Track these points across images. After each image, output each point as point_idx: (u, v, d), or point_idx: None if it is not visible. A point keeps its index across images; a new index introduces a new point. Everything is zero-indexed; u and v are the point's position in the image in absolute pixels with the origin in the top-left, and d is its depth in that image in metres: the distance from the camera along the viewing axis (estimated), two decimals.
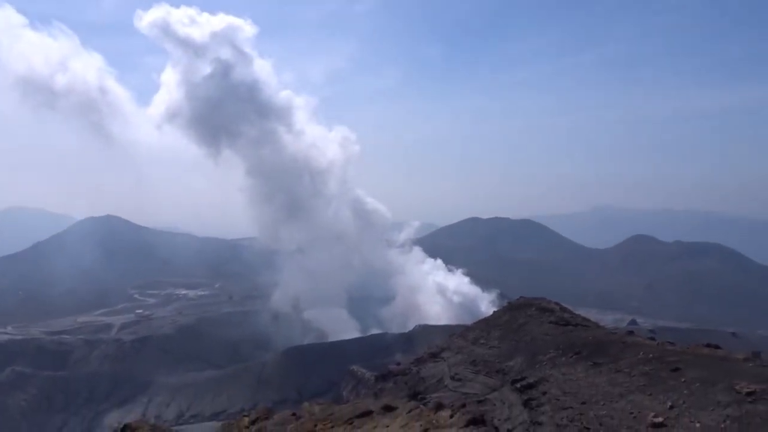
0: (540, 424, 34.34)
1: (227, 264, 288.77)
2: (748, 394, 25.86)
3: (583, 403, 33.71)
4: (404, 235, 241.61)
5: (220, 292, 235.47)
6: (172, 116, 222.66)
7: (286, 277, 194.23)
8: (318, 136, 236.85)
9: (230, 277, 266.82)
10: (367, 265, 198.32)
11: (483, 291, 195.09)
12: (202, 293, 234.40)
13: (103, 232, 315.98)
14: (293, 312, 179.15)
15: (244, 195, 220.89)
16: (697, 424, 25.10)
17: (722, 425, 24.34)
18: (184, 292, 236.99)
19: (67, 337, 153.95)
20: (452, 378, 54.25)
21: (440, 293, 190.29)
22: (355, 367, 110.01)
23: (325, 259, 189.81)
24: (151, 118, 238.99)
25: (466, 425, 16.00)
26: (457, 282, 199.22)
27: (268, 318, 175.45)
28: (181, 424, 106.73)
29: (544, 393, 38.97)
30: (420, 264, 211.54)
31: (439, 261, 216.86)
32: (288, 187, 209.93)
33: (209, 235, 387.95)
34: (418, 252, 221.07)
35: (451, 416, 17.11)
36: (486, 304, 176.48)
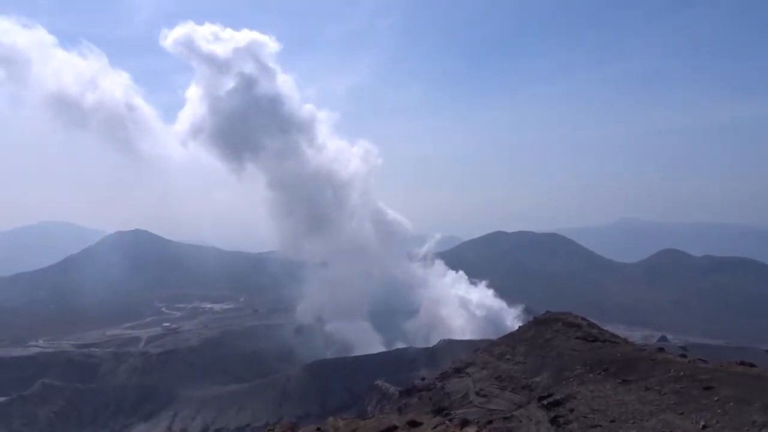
0: None
1: (252, 277, 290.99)
2: None
3: (612, 421, 33.05)
4: (426, 248, 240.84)
5: (245, 305, 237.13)
6: (196, 132, 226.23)
7: (309, 289, 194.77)
8: (340, 150, 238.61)
9: (255, 290, 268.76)
10: (389, 278, 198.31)
11: (508, 305, 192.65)
12: (227, 306, 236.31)
13: (132, 245, 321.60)
14: (317, 325, 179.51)
15: (266, 208, 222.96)
16: None
17: None
18: (209, 305, 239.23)
19: (96, 350, 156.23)
20: (477, 394, 53.61)
21: (463, 306, 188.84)
22: (379, 382, 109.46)
23: (348, 272, 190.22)
24: (177, 134, 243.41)
25: None
26: (481, 295, 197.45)
27: (291, 331, 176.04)
28: None
29: (572, 410, 38.29)
30: (442, 277, 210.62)
31: (462, 273, 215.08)
32: (310, 199, 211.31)
33: (234, 248, 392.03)
34: (440, 265, 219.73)
35: None
36: (511, 319, 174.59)
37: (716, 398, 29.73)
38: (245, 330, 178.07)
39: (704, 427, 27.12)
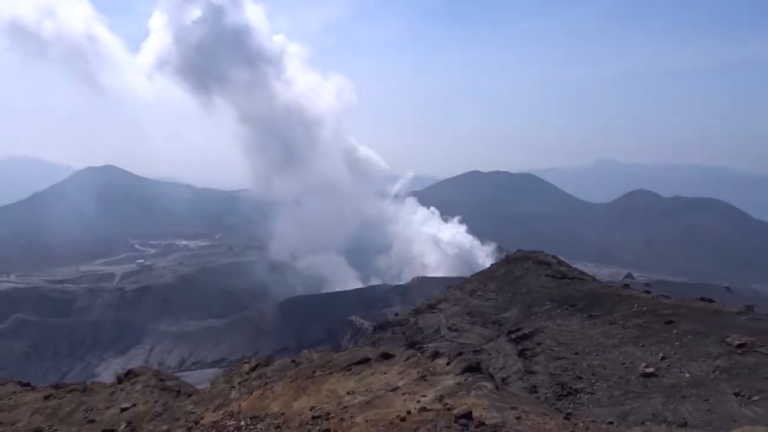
0: (534, 373, 35.26)
1: (226, 215, 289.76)
2: (739, 346, 26.51)
3: (577, 353, 34.65)
4: (399, 186, 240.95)
5: (220, 242, 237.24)
6: (161, 63, 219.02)
7: (282, 227, 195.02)
8: (313, 85, 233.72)
9: (229, 227, 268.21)
10: (363, 216, 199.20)
11: (482, 244, 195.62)
12: (202, 244, 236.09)
13: (103, 182, 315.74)
14: (291, 261, 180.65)
15: (238, 144, 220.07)
16: (687, 374, 25.82)
17: (711, 375, 25.04)
18: (184, 242, 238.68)
19: (70, 286, 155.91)
20: (449, 328, 55.36)
21: (435, 244, 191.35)
22: (353, 317, 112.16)
23: (321, 210, 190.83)
24: (142, 66, 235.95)
25: (462, 372, 16.41)
26: (453, 232, 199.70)
27: (266, 268, 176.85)
28: (183, 371, 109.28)
29: (539, 344, 39.94)
30: (414, 214, 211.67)
31: (435, 210, 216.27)
32: (281, 136, 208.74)
33: (207, 186, 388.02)
34: (413, 202, 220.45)
35: (448, 364, 17.48)
36: (483, 257, 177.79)
37: (676, 332, 31.31)
38: (220, 267, 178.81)
39: (663, 358, 28.61)
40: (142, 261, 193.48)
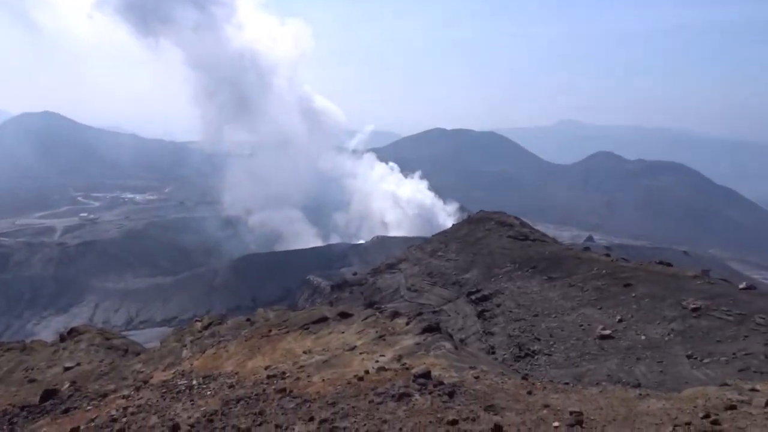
0: (492, 334, 36.45)
1: (175, 167, 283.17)
2: (694, 309, 27.78)
3: (536, 315, 35.94)
4: (357, 140, 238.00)
5: (170, 196, 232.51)
6: (101, 2, 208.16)
7: (236, 181, 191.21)
8: (268, 30, 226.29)
9: (179, 181, 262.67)
10: (319, 171, 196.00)
11: (444, 203, 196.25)
12: (151, 197, 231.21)
13: (41, 128, 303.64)
14: (245, 217, 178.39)
15: (187, 92, 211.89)
16: (643, 337, 27.01)
17: (666, 338, 26.27)
18: (130, 195, 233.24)
19: (6, 239, 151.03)
20: (408, 289, 56.33)
21: (395, 201, 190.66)
22: (311, 276, 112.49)
23: (276, 163, 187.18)
24: (80, 4, 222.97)
25: (422, 332, 16.77)
26: (414, 189, 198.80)
27: (219, 224, 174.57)
28: (130, 330, 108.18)
29: (498, 305, 41.20)
30: (373, 170, 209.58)
31: (394, 166, 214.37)
32: (232, 82, 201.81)
33: (155, 136, 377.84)
34: (371, 158, 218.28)
35: (407, 324, 17.80)
36: (445, 217, 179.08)
37: (633, 294, 32.62)
38: (170, 222, 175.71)
39: (620, 320, 29.83)
40: (85, 215, 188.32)
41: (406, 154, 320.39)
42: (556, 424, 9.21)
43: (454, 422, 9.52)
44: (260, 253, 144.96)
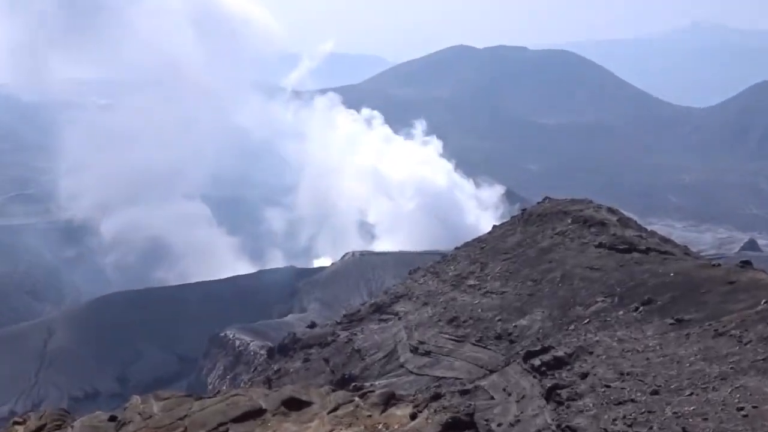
0: (574, 431, 22.16)
1: None
2: None
3: (655, 392, 22.91)
4: (303, 72, 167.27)
5: None
6: None
7: (81, 153, 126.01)
8: None
9: None
10: (235, 129, 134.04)
11: (476, 185, 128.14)
12: None
13: None
14: (100, 220, 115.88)
15: None
16: None
17: None
18: None
19: None
20: (414, 350, 40.53)
21: (379, 182, 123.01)
22: (228, 332, 76.43)
23: (153, 119, 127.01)
24: None
25: None
26: (416, 159, 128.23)
27: (52, 237, 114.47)
28: None
29: (584, 376, 27.24)
30: (336, 126, 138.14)
31: (377, 116, 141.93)
32: None
33: None
34: (331, 103, 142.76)
35: (413, 417, 14.09)
36: (478, 212, 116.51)
37: None
38: None
39: None
40: None
41: (402, 94, 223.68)
42: None
43: None
44: (129, 291, 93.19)
